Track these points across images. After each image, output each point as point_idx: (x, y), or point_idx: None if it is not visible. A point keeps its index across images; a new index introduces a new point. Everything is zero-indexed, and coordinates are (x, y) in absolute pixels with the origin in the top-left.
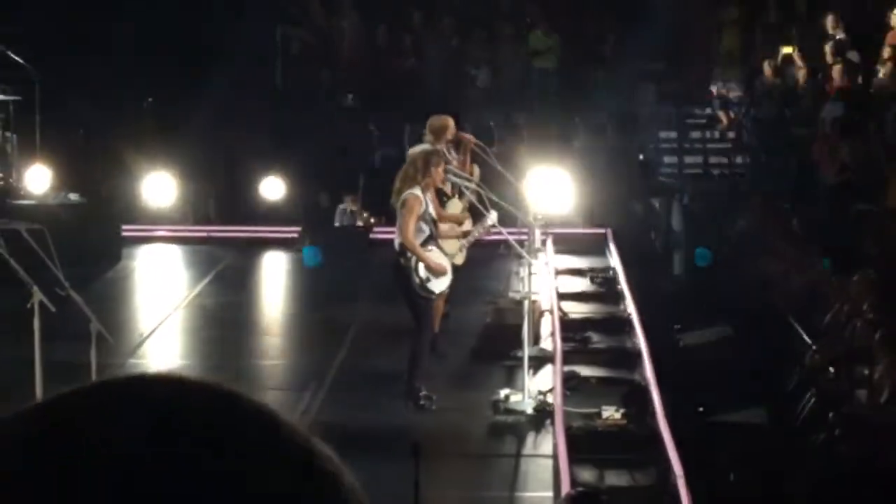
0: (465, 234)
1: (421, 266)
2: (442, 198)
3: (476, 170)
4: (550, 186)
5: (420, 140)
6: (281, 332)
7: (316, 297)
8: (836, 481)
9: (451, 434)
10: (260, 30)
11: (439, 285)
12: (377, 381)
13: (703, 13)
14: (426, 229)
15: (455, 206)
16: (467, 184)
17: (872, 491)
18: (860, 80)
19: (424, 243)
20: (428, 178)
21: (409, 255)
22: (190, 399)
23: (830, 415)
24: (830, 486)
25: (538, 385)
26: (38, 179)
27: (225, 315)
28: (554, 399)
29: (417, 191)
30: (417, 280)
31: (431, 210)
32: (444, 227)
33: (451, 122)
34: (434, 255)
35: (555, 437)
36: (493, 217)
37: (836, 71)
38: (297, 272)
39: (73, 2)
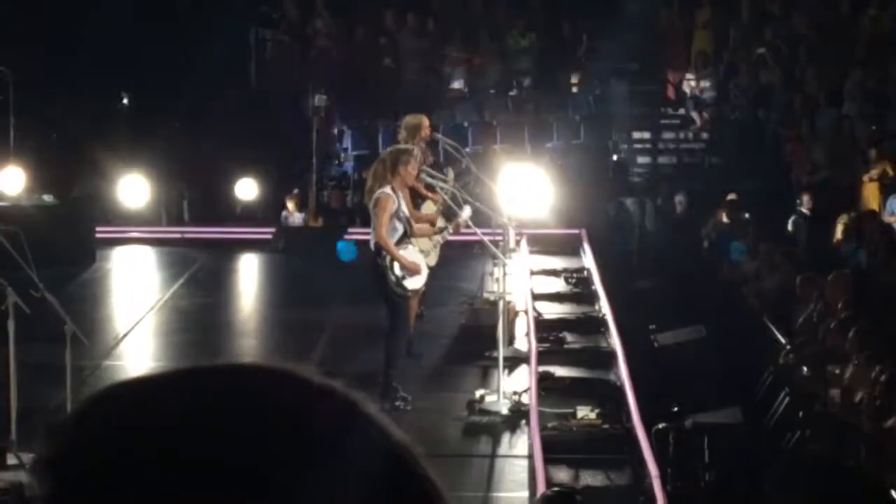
0: (439, 232)
1: (396, 264)
2: (416, 199)
3: (451, 172)
4: (524, 187)
5: (396, 139)
6: (255, 334)
7: (290, 297)
8: (809, 480)
9: (426, 434)
10: (234, 31)
11: (414, 283)
12: (353, 381)
13: (676, 14)
14: (400, 227)
15: (429, 207)
16: (442, 184)
17: (844, 490)
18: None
19: (399, 242)
20: (398, 177)
21: (384, 253)
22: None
23: (800, 413)
24: (803, 485)
25: (513, 385)
26: (11, 181)
27: (199, 317)
28: (529, 399)
29: (389, 189)
30: (393, 278)
31: (405, 208)
32: (417, 225)
33: (425, 120)
34: (408, 253)
35: (530, 438)
36: (466, 213)
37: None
38: (271, 273)
39: (47, 2)
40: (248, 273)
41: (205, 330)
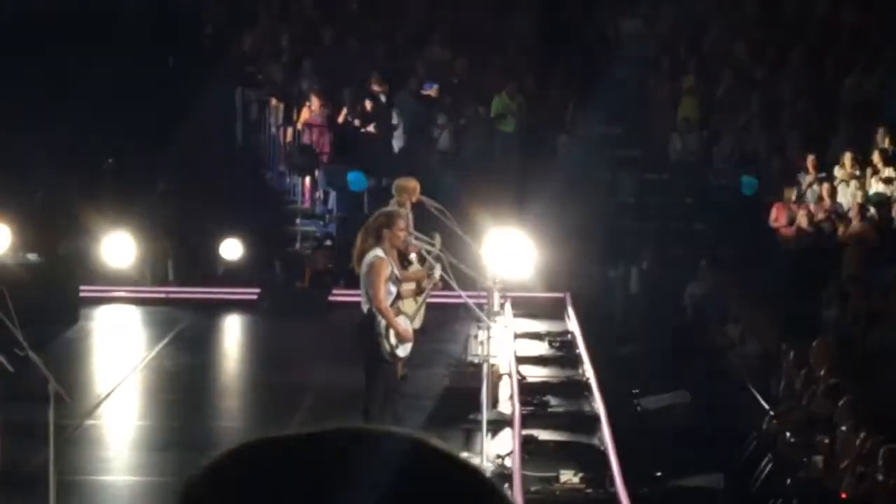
0: (420, 293)
1: (391, 332)
2: (404, 260)
3: (437, 237)
4: (509, 250)
5: (387, 202)
6: (239, 395)
7: (274, 359)
8: None
9: None
10: (220, 92)
11: (404, 351)
12: None
13: (662, 80)
14: (393, 291)
15: (417, 269)
16: (429, 248)
17: None
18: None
19: (391, 305)
20: (386, 240)
21: (379, 319)
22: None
23: (788, 480)
24: None
25: (497, 448)
26: None
27: (184, 377)
28: (512, 463)
29: (381, 252)
30: (388, 347)
31: (396, 270)
32: (404, 285)
33: (417, 184)
34: (400, 320)
35: (513, 501)
36: (437, 270)
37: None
38: (255, 334)
39: (33, 61)
40: (233, 334)
41: (189, 390)
